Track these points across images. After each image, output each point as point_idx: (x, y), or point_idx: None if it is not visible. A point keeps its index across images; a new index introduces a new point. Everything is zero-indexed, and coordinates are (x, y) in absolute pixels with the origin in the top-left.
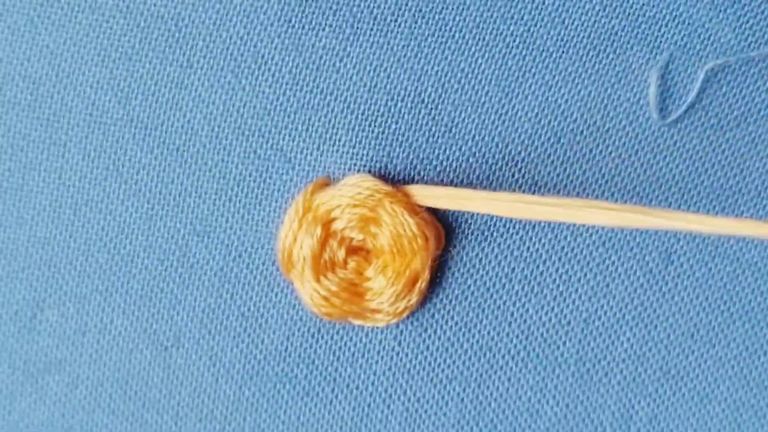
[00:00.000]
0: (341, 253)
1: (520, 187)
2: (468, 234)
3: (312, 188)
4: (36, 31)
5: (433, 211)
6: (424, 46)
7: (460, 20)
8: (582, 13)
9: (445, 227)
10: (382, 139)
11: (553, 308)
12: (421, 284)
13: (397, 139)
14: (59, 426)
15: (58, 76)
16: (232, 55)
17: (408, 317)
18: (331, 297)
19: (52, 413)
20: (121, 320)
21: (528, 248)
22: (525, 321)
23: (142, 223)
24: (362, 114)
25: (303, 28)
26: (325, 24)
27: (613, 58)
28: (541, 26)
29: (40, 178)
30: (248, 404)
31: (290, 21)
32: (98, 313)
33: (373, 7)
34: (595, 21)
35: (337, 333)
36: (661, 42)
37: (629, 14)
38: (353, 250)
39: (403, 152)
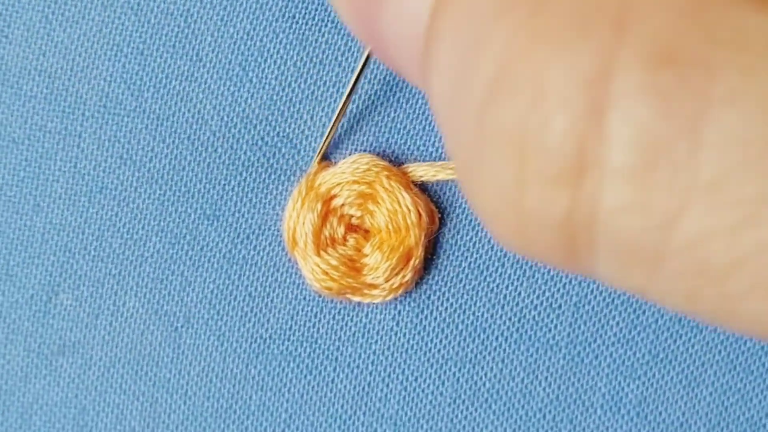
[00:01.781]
0: (341, 230)
1: None
2: (462, 216)
3: (315, 170)
4: (51, 27)
5: (427, 194)
6: None
7: None
8: None
9: (439, 209)
10: (381, 126)
11: (545, 291)
12: (415, 261)
13: (396, 126)
14: (73, 406)
15: (73, 70)
16: (240, 49)
17: (405, 298)
18: (331, 271)
19: (66, 394)
20: (133, 302)
21: None
22: (518, 304)
23: (154, 208)
24: (362, 103)
25: (306, 23)
26: (327, 20)
27: None
28: None
29: (56, 167)
30: (254, 382)
31: (294, 17)
32: (111, 296)
33: None
34: None
35: (339, 313)
36: None
37: None
38: (352, 229)
39: (401, 138)
